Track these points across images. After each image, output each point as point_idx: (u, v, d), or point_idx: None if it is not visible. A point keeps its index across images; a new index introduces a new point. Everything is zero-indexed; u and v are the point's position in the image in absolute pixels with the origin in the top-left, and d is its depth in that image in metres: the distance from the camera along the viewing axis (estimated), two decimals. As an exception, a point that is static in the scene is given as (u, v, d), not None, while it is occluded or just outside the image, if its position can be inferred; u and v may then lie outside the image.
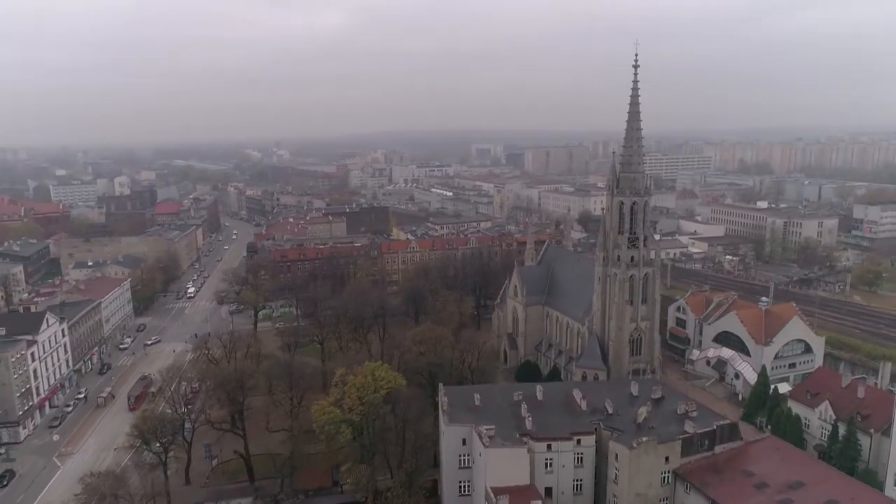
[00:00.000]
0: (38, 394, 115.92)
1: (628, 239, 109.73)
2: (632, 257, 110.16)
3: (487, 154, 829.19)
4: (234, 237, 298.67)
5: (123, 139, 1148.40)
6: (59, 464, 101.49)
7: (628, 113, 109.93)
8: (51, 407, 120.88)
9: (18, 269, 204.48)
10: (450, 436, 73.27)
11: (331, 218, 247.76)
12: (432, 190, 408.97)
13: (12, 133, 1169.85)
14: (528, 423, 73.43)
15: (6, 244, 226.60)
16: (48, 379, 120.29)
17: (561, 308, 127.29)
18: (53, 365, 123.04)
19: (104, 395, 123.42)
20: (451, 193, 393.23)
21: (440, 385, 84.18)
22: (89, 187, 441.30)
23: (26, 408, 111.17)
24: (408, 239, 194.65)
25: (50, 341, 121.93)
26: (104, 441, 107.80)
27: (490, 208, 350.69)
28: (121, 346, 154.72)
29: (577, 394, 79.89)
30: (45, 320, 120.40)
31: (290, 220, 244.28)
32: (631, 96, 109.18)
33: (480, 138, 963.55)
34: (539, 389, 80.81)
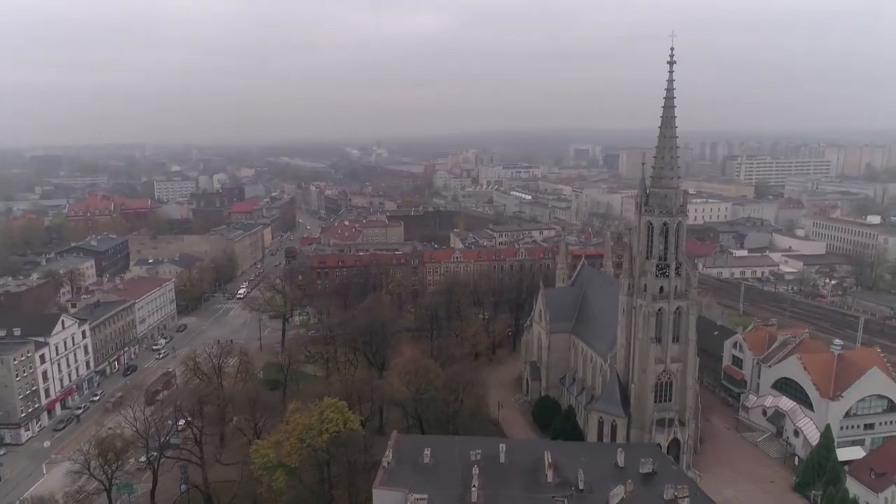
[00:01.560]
0: (47, 395, 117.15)
1: (657, 266, 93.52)
2: (661, 288, 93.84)
3: (585, 155, 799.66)
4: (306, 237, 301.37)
5: (239, 137, 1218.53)
6: (45, 471, 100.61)
7: (661, 117, 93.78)
8: (63, 409, 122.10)
9: (89, 264, 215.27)
10: (378, 500, 62.68)
11: (387, 222, 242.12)
12: (512, 193, 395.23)
13: (142, 130, 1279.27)
14: (474, 495, 61.31)
15: (86, 239, 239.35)
16: (61, 380, 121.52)
17: (587, 339, 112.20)
18: (69, 366, 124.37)
19: (112, 399, 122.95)
20: (529, 197, 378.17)
21: (394, 433, 73.57)
22: (188, 183, 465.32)
23: (31, 409, 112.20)
24: (451, 248, 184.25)
25: (66, 343, 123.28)
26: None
27: (568, 214, 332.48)
28: (154, 347, 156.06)
29: (547, 457, 66.51)
30: (59, 322, 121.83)
31: (346, 222, 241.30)
32: (665, 98, 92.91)
33: (581, 138, 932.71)
34: (502, 448, 68.13)
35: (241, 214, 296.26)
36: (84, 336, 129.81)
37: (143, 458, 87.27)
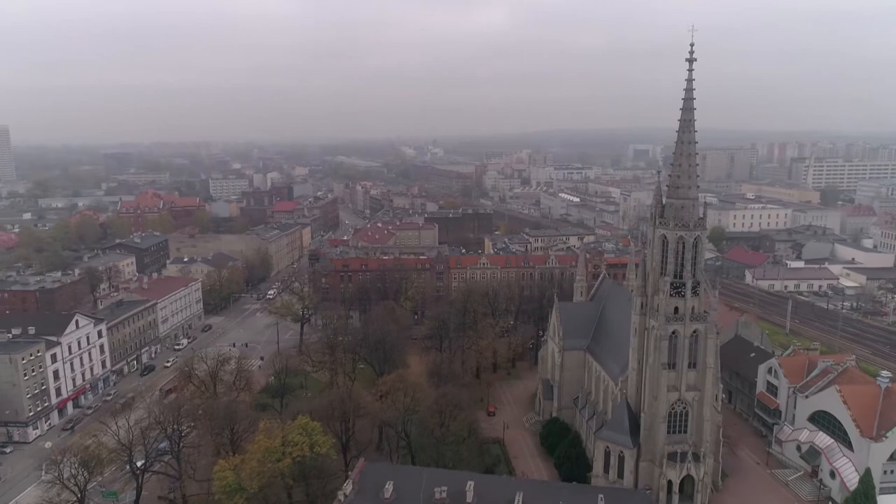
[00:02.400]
0: (58, 394, 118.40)
1: (671, 284, 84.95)
2: (675, 308, 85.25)
3: (644, 155, 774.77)
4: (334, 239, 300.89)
5: (301, 136, 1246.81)
6: (44, 472, 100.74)
7: (679, 121, 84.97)
8: (76, 408, 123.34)
9: (130, 261, 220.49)
10: (326, 538, 57.84)
11: (422, 224, 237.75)
12: (560, 195, 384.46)
13: (211, 129, 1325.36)
14: (429, 538, 55.67)
15: (131, 236, 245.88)
16: (73, 380, 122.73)
17: (602, 359, 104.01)
18: (83, 366, 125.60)
19: (122, 400, 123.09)
20: (577, 199, 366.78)
21: (361, 461, 68.57)
22: (242, 182, 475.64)
23: (39, 408, 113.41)
24: (479, 254, 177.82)
25: (80, 342, 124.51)
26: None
27: (616, 218, 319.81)
28: (176, 347, 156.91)
29: (519, 498, 60.04)
30: (73, 322, 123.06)
31: (380, 224, 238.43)
32: (684, 99, 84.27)
33: (642, 138, 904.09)
34: (470, 486, 62.02)
35: (283, 214, 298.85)
36: (100, 336, 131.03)
37: (126, 469, 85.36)
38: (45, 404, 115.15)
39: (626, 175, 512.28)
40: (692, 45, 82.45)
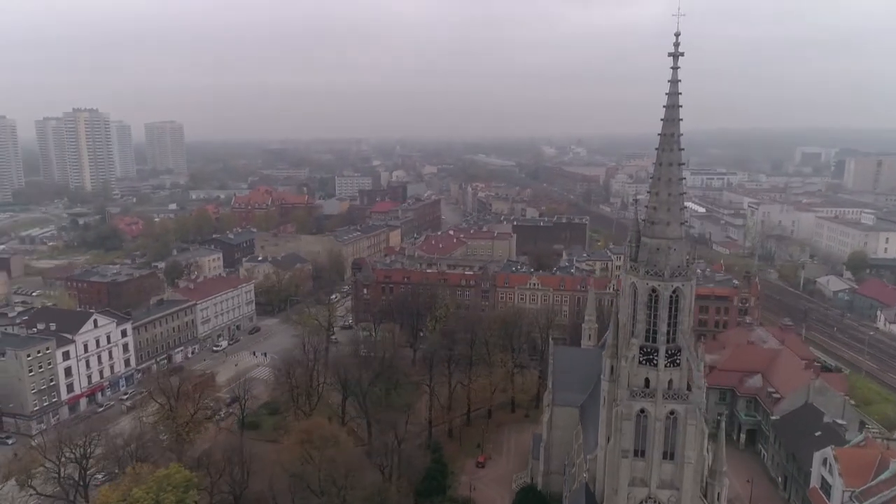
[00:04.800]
0: (70, 391, 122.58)
1: (641, 349, 65.38)
2: (646, 381, 65.54)
3: (814, 159, 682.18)
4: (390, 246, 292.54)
5: (446, 134, 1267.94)
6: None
7: (660, 136, 65.46)
8: (91, 404, 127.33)
9: (216, 256, 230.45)
10: None
11: (496, 234, 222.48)
12: (686, 203, 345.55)
13: (364, 127, 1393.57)
14: None
15: (227, 232, 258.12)
16: (89, 377, 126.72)
17: (588, 423, 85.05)
18: (101, 364, 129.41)
19: (129, 402, 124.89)
20: (703, 210, 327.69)
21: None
22: (365, 179, 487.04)
23: (46, 404, 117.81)
24: (529, 273, 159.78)
25: (98, 341, 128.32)
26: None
27: (741, 233, 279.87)
28: (214, 349, 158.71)
29: None
30: (91, 321, 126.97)
31: (451, 232, 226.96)
32: (666, 107, 64.63)
33: (814, 139, 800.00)
34: None
35: (380, 214, 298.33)
36: (124, 335, 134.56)
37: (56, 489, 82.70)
38: (54, 400, 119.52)
39: (778, 182, 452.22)
40: (677, 35, 62.48)
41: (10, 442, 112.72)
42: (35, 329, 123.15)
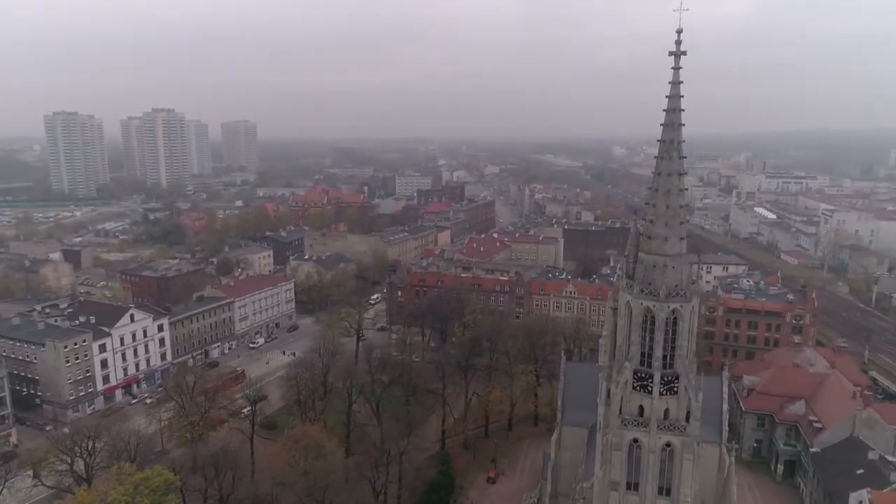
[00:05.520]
0: (105, 382, 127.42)
1: (635, 374, 60.35)
2: (640, 409, 60.48)
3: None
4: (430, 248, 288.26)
5: (514, 133, 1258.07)
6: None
7: (659, 143, 59.98)
8: (126, 395, 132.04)
9: (267, 254, 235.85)
10: None
11: (541, 238, 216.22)
12: (756, 209, 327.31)
13: (434, 126, 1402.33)
14: None
15: (280, 230, 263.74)
16: (125, 369, 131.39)
17: (591, 447, 79.87)
18: (137, 357, 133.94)
19: (150, 398, 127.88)
20: (773, 216, 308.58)
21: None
22: (426, 179, 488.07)
23: (82, 393, 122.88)
24: (566, 280, 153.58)
25: (134, 335, 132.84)
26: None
27: (813, 242, 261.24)
28: (251, 346, 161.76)
29: None
30: (127, 315, 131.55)
31: (495, 235, 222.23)
32: (666, 111, 59.09)
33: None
34: None
35: (432, 215, 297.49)
36: (161, 329, 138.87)
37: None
38: (90, 390, 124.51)
39: (863, 187, 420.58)
40: (679, 31, 57.06)
41: (47, 428, 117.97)
42: (77, 321, 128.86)
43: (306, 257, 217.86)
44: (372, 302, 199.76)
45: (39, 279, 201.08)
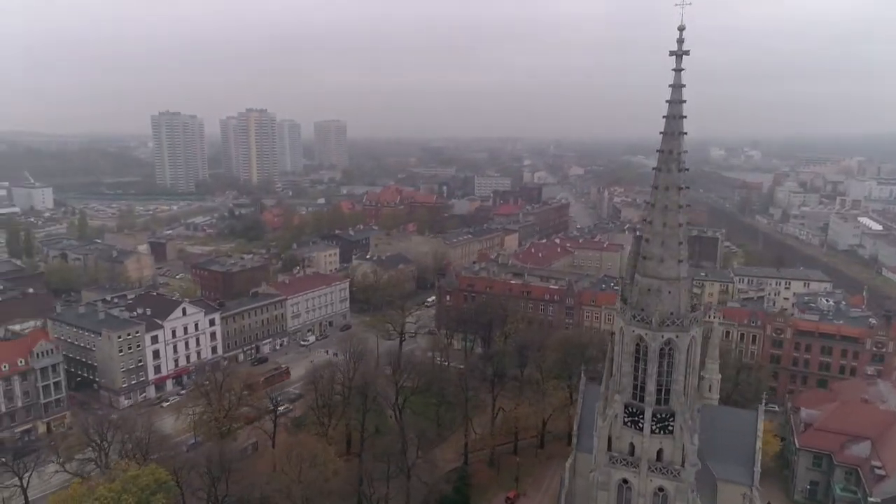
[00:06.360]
0: (156, 372, 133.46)
1: (627, 408, 54.86)
2: (631, 446, 54.91)
3: None
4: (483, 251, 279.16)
5: (606, 133, 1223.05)
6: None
7: (658, 153, 53.98)
8: (177, 385, 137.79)
9: (333, 252, 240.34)
10: None
11: (606, 244, 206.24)
12: (860, 219, 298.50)
13: (532, 126, 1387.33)
14: None
15: (350, 229, 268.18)
16: (176, 360, 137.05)
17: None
18: (188, 349, 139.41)
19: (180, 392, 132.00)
20: (879, 227, 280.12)
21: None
22: (505, 180, 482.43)
23: (134, 382, 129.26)
24: (615, 291, 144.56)
25: (186, 328, 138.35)
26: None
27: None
28: (302, 343, 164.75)
29: None
30: (180, 309, 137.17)
31: (557, 240, 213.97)
32: (666, 118, 53.15)
33: None
34: None
35: (502, 217, 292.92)
36: (212, 324, 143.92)
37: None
38: (141, 379, 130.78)
39: None
40: (681, 29, 51.00)
41: (100, 413, 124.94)
42: (135, 313, 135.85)
43: (367, 257, 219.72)
44: (427, 304, 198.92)
45: (123, 269, 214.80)
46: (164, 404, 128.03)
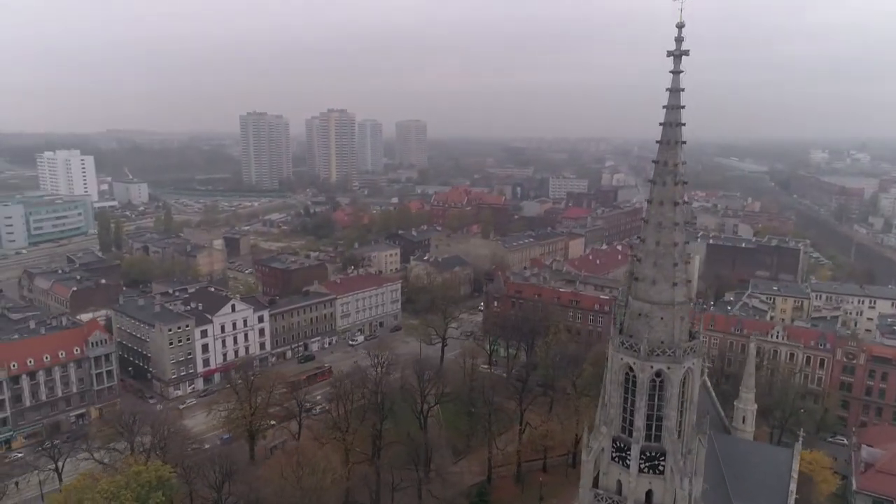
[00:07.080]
0: (205, 365, 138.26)
1: (615, 442, 50.27)
2: (618, 484, 50.33)
3: None
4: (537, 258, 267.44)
5: (697, 134, 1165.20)
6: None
7: (654, 163, 48.98)
8: (223, 379, 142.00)
9: (394, 252, 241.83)
10: None
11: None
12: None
13: (619, 126, 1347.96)
14: None
15: (413, 230, 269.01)
16: (224, 355, 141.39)
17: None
18: (237, 344, 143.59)
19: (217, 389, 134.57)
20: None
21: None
22: (582, 182, 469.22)
23: (183, 373, 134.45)
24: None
25: (235, 324, 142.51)
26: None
27: None
28: (350, 343, 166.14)
29: None
30: (229, 306, 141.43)
31: (619, 247, 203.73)
32: (663, 125, 48.18)
33: None
34: None
35: (570, 220, 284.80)
36: (261, 320, 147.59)
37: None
38: (190, 371, 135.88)
39: None
40: (680, 27, 45.83)
41: (151, 401, 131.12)
42: (189, 307, 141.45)
43: (426, 258, 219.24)
44: (480, 309, 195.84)
45: (195, 263, 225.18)
46: (190, 402, 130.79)
